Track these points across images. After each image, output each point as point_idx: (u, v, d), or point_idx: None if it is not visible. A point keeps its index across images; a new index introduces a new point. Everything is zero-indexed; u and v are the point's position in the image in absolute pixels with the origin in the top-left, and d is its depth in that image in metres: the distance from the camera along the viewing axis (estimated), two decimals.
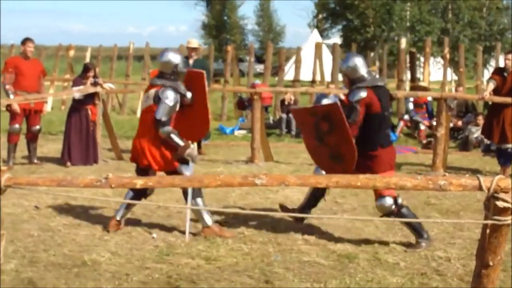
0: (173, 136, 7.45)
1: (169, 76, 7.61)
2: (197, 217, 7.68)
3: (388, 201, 7.23)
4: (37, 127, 12.38)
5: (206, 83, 8.00)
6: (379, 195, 7.23)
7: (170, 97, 7.46)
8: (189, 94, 7.85)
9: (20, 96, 11.86)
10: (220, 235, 7.50)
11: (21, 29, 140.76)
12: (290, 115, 17.73)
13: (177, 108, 7.58)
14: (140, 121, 7.84)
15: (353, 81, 7.24)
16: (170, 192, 9.37)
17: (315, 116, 7.16)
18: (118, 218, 7.77)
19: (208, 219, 7.61)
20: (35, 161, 12.42)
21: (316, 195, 7.88)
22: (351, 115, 7.03)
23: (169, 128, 7.45)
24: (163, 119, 7.40)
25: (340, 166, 6.96)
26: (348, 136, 6.90)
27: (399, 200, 7.28)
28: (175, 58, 7.70)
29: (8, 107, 12.02)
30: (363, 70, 7.26)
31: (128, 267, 6.53)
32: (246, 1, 67.41)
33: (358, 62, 7.29)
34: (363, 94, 7.10)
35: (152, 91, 7.60)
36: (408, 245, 7.25)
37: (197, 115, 7.97)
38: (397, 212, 7.19)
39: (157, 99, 7.46)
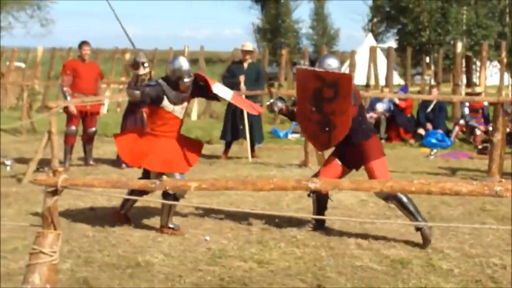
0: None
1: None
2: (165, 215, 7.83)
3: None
4: (93, 129, 12.55)
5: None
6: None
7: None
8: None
9: (77, 98, 12.04)
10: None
11: (78, 32, 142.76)
12: None
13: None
14: None
15: None
16: (223, 195, 9.41)
17: (322, 80, 7.22)
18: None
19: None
20: (91, 162, 12.59)
21: (319, 199, 7.92)
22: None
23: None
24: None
25: (326, 134, 7.32)
26: (348, 107, 7.15)
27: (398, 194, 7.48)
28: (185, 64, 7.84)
29: (66, 109, 12.22)
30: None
31: (181, 268, 6.57)
32: (300, 5, 67.27)
33: (333, 63, 7.51)
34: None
35: None
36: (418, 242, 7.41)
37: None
38: (393, 196, 7.33)
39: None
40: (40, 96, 24.13)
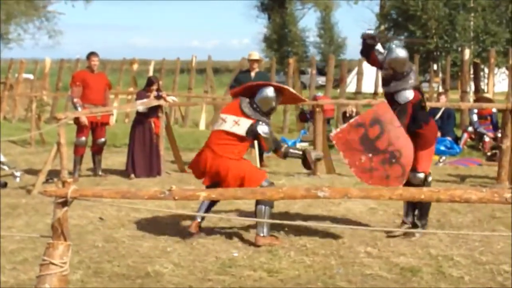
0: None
1: (259, 110, 7.91)
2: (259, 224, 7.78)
3: (420, 175, 7.69)
4: (103, 139, 12.58)
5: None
6: (414, 169, 7.55)
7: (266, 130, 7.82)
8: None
9: (87, 109, 12.08)
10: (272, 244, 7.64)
11: (86, 43, 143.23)
12: None
13: None
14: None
15: (394, 75, 7.64)
16: (232, 204, 9.41)
17: (362, 126, 7.19)
18: (199, 220, 7.98)
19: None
20: (100, 173, 12.61)
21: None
22: (400, 118, 7.25)
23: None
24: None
25: (396, 165, 7.23)
26: (399, 129, 7.18)
27: (429, 179, 7.83)
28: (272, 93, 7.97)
29: (76, 120, 12.25)
30: (408, 65, 7.68)
31: (191, 278, 6.57)
32: (307, 14, 67.37)
33: (404, 55, 7.71)
34: (410, 95, 7.46)
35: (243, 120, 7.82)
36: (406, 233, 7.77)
37: None
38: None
39: (252, 133, 7.78)
40: (49, 107, 24.19)
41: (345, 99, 19.63)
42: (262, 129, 7.74)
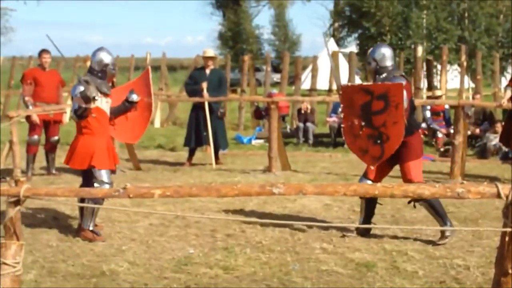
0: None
1: (96, 73, 7.93)
2: (86, 217, 7.81)
3: None
4: (56, 137, 12.44)
5: (151, 86, 8.51)
6: (408, 181, 7.48)
7: (77, 91, 7.73)
8: (134, 97, 8.27)
9: (39, 107, 11.93)
10: (93, 240, 7.71)
11: (39, 40, 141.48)
12: (307, 124, 17.73)
13: (94, 101, 7.78)
14: None
15: (380, 69, 7.69)
16: (188, 202, 9.39)
17: (370, 94, 7.23)
18: (90, 228, 7.85)
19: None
20: (54, 171, 12.48)
21: (368, 203, 7.95)
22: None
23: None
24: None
25: (378, 146, 7.23)
26: (401, 116, 7.13)
27: None
28: (106, 58, 8.00)
29: (28, 118, 12.10)
30: (390, 61, 7.74)
31: (147, 277, 6.54)
32: (261, 11, 67.42)
33: (387, 52, 7.75)
34: (403, 81, 7.45)
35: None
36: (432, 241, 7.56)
37: (137, 119, 8.40)
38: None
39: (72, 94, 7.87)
40: (1, 106, 23.87)
41: (300, 96, 19.68)
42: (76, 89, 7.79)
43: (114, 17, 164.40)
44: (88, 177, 7.90)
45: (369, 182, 7.63)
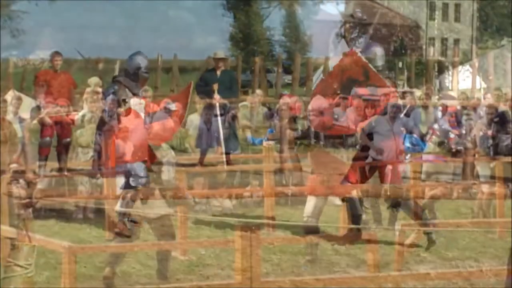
0: None
1: (130, 75, 8.15)
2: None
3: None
4: (68, 139, 12.42)
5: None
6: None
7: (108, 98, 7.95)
8: (172, 106, 8.49)
9: (51, 109, 11.92)
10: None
11: (51, 43, 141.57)
12: None
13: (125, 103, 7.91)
14: None
15: None
16: (199, 204, 9.38)
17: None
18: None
19: None
20: (66, 173, 12.46)
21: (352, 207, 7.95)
22: None
23: None
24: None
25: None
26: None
27: None
28: (142, 62, 8.24)
29: (40, 120, 12.09)
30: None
31: (158, 278, 6.53)
32: (272, 12, 67.32)
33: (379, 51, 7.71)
34: None
35: None
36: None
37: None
38: (399, 203, 7.51)
39: None
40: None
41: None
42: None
43: (128, 20, 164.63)
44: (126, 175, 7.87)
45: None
